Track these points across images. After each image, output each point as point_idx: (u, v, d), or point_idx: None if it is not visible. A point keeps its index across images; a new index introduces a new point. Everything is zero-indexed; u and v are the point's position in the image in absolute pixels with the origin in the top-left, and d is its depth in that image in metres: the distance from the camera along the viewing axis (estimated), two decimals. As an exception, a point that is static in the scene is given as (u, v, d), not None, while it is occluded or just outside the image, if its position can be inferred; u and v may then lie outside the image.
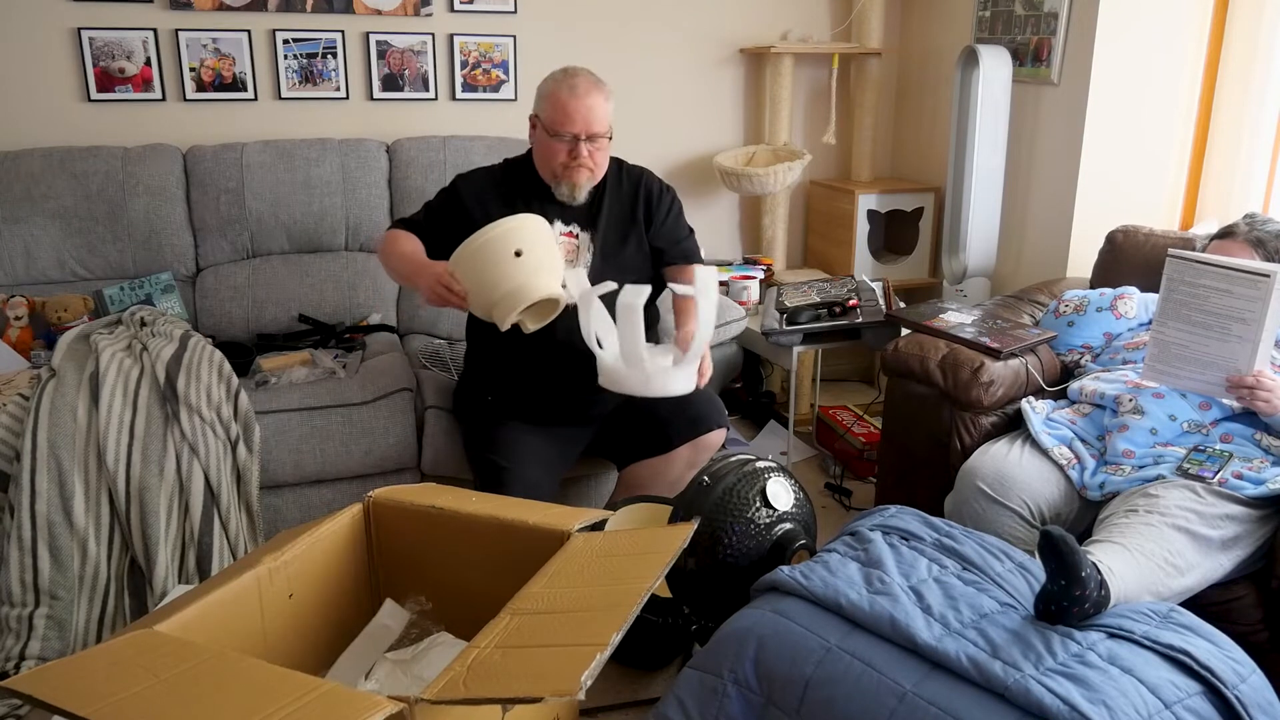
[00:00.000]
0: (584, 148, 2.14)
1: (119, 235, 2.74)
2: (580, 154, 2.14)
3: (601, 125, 2.15)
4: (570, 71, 2.17)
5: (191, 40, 2.90)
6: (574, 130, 2.12)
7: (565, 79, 2.15)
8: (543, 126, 2.16)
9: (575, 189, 2.18)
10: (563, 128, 2.12)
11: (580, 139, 2.13)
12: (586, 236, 2.23)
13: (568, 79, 2.14)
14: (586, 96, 2.12)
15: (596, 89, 2.15)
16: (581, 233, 2.23)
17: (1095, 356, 2.29)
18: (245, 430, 2.24)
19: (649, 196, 2.30)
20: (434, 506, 1.65)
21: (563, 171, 2.16)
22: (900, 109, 3.68)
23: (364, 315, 2.89)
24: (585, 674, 1.08)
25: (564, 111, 2.11)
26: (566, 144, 2.13)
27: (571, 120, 2.12)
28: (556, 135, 2.13)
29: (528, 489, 2.09)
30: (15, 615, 2.00)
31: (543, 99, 2.16)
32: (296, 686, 1.11)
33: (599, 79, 2.18)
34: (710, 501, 1.82)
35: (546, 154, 2.17)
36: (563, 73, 2.17)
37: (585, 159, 2.15)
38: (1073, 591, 1.43)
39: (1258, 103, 2.64)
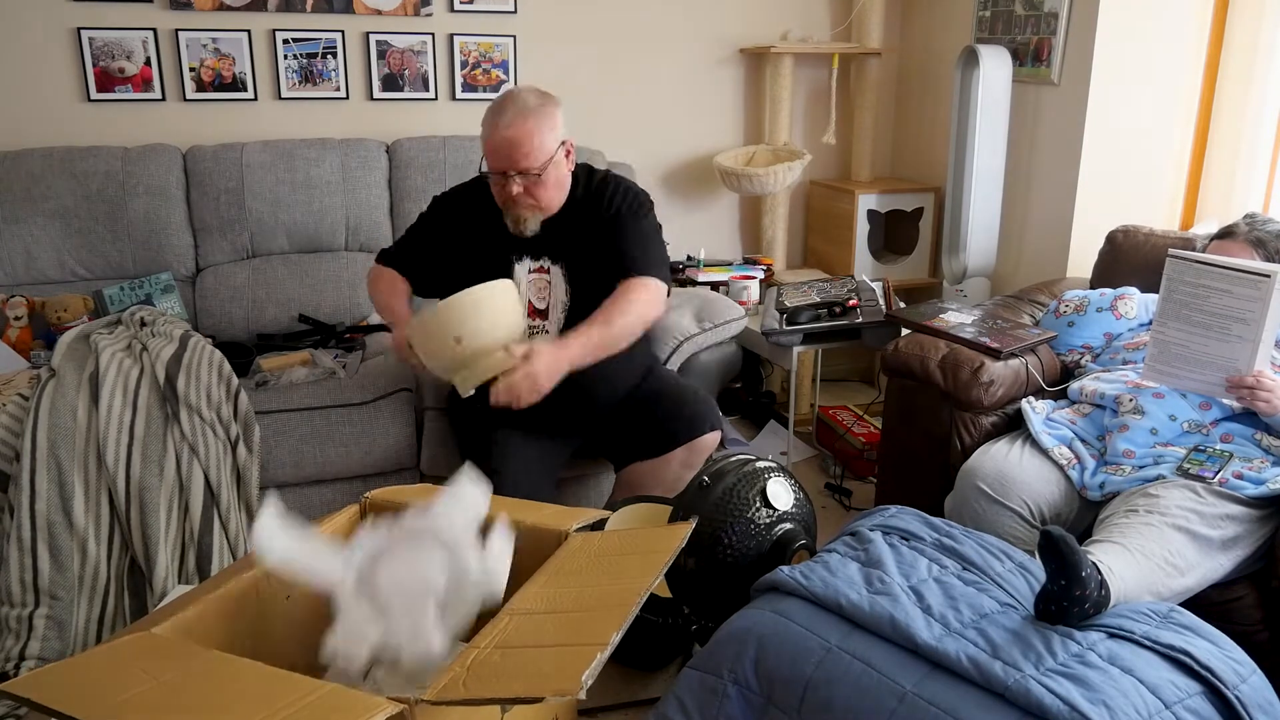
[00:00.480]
0: (515, 184, 1.99)
1: (119, 235, 2.74)
2: (511, 190, 1.99)
3: (531, 159, 1.96)
4: (505, 98, 1.99)
5: (191, 40, 2.90)
6: (500, 167, 1.98)
7: (495, 108, 1.98)
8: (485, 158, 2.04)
9: (520, 223, 2.06)
10: (490, 164, 1.99)
11: (509, 175, 1.98)
12: (558, 270, 2.14)
13: (496, 108, 1.98)
14: (509, 129, 1.95)
15: (525, 118, 1.95)
16: (552, 266, 2.14)
17: (1095, 357, 2.29)
18: (245, 430, 2.24)
19: (616, 209, 2.12)
20: (433, 507, 1.65)
21: (506, 205, 2.05)
22: (900, 109, 3.68)
23: (364, 315, 2.89)
24: (586, 673, 1.08)
25: (488, 146, 1.99)
26: (499, 179, 2.01)
27: (496, 156, 1.98)
28: (491, 171, 2.01)
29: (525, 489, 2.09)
30: (15, 615, 2.00)
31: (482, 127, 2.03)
32: (296, 688, 1.11)
33: (539, 102, 1.99)
34: (710, 501, 1.82)
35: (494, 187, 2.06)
36: (500, 99, 2.01)
37: (521, 195, 2.00)
38: (1073, 591, 1.43)
39: (1258, 103, 2.64)
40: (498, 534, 1.43)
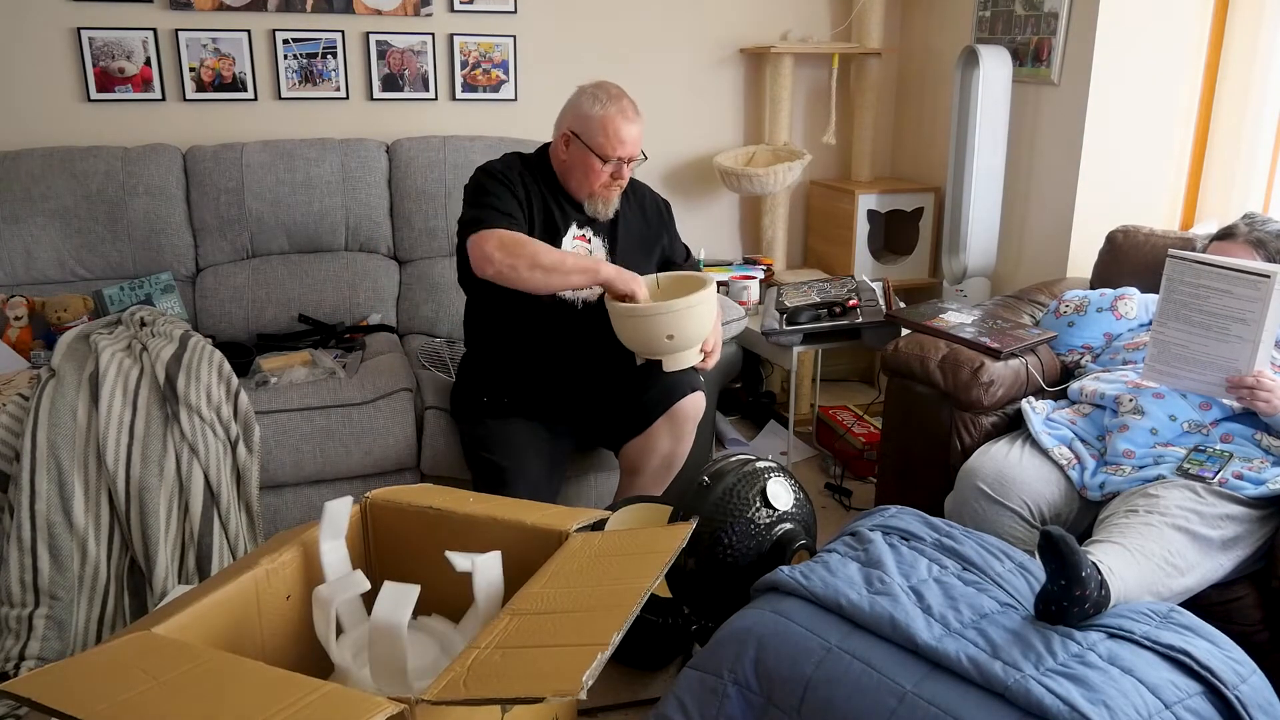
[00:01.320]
0: (626, 169, 2.18)
1: (119, 235, 2.74)
2: (622, 175, 2.18)
3: (640, 141, 2.19)
4: (615, 94, 2.16)
5: (191, 40, 2.90)
6: (624, 154, 2.15)
7: (614, 103, 2.14)
8: (586, 146, 2.14)
9: (608, 206, 2.22)
10: (613, 152, 2.13)
11: (625, 162, 2.16)
12: (599, 242, 2.26)
13: (617, 102, 2.14)
14: (636, 121, 2.16)
15: (639, 112, 2.18)
16: (594, 238, 2.26)
17: (1095, 357, 2.29)
18: (245, 430, 2.24)
19: (658, 210, 2.38)
20: (431, 507, 1.65)
21: (600, 191, 2.19)
22: (900, 109, 3.68)
23: (364, 315, 2.89)
24: (586, 674, 1.08)
25: (618, 137, 2.12)
26: (612, 167, 2.15)
27: (624, 145, 2.14)
28: (604, 158, 2.14)
29: (531, 485, 2.10)
30: (15, 615, 2.00)
31: (588, 120, 2.13)
32: (296, 688, 1.11)
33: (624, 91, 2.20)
34: (710, 502, 1.82)
35: (585, 173, 2.17)
36: (606, 94, 2.15)
37: (625, 177, 2.19)
38: (1073, 591, 1.43)
39: (1258, 103, 2.64)
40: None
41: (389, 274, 2.97)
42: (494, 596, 1.48)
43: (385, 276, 2.95)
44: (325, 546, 1.56)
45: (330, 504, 1.58)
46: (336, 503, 1.59)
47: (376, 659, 1.35)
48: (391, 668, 1.34)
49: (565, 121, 2.19)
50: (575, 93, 2.20)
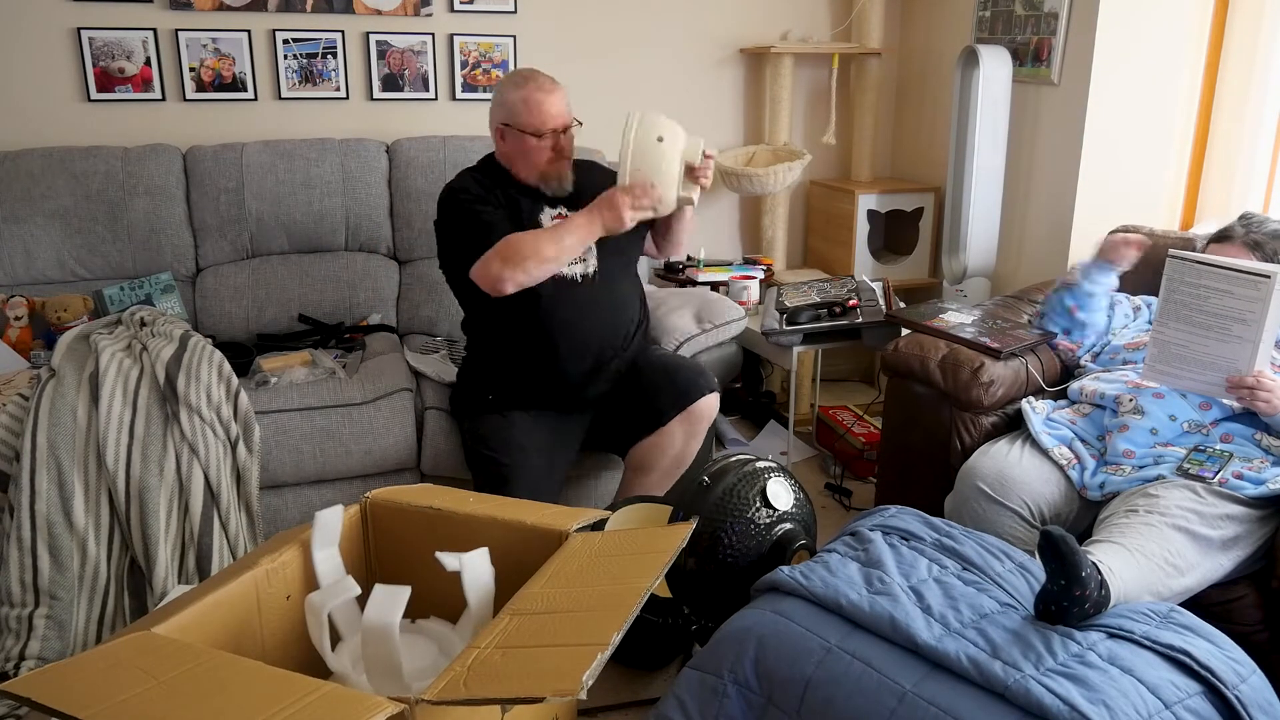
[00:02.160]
0: (563, 140, 2.23)
1: (119, 235, 2.74)
2: (562, 147, 2.24)
3: (571, 114, 2.25)
4: (527, 74, 2.23)
5: (191, 40, 2.90)
6: (554, 125, 2.20)
7: (529, 80, 2.21)
8: (519, 130, 2.21)
9: (563, 180, 2.26)
10: (543, 125, 2.19)
11: (559, 132, 2.22)
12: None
13: (532, 79, 2.21)
14: (554, 92, 2.21)
15: (552, 80, 2.24)
16: (569, 212, 2.28)
17: (1095, 355, 2.29)
18: (245, 430, 2.24)
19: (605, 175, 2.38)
20: (431, 507, 1.65)
21: (549, 167, 2.24)
22: (900, 109, 3.68)
23: (364, 315, 2.89)
24: (586, 673, 1.08)
25: (540, 110, 2.19)
26: (549, 140, 2.21)
27: (550, 116, 2.19)
28: (539, 135, 2.20)
29: (533, 482, 2.11)
30: (15, 615, 2.00)
31: (512, 106, 2.21)
32: (296, 688, 1.11)
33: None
34: (710, 502, 1.82)
35: (528, 156, 2.23)
36: (520, 77, 2.23)
37: (566, 149, 2.25)
38: (1073, 591, 1.43)
39: (1258, 103, 2.64)
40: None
41: (389, 274, 2.97)
42: (485, 593, 1.48)
43: (385, 276, 2.95)
44: (318, 555, 1.57)
45: (321, 513, 1.58)
46: (327, 512, 1.59)
47: (370, 660, 1.36)
48: (386, 669, 1.34)
49: (494, 117, 2.26)
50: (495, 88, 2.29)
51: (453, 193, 2.26)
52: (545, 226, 2.23)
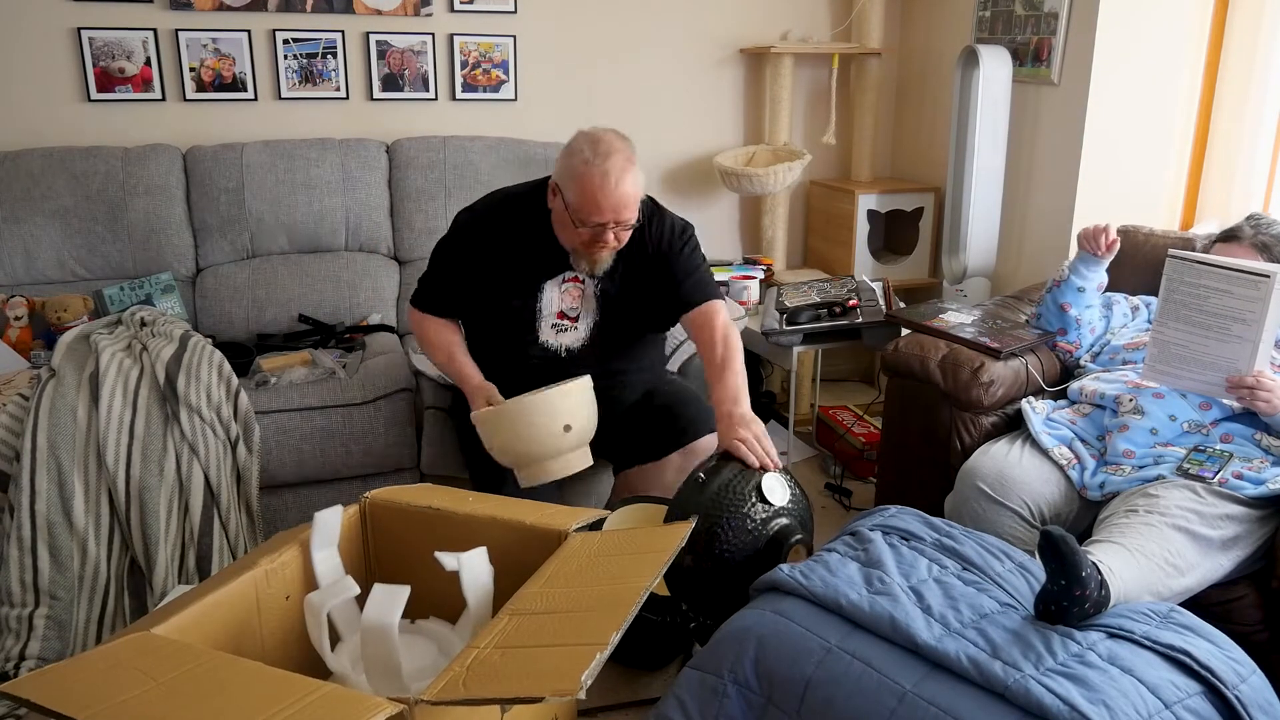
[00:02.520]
0: (611, 234, 1.96)
1: (119, 235, 2.74)
2: (607, 240, 1.97)
3: (633, 210, 1.94)
4: (602, 151, 1.90)
5: (191, 40, 2.90)
6: (603, 220, 1.92)
7: (597, 163, 1.88)
8: (566, 206, 1.94)
9: (595, 266, 2.04)
10: (590, 218, 1.92)
11: (608, 227, 1.94)
12: (592, 284, 2.13)
13: (600, 163, 1.88)
14: (620, 185, 1.89)
15: (629, 171, 1.91)
16: (587, 279, 2.12)
17: (1095, 355, 2.29)
18: (245, 430, 2.24)
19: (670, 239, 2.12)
20: (431, 507, 1.65)
21: (584, 250, 2.00)
22: (900, 109, 3.68)
23: (364, 315, 2.89)
24: (585, 673, 1.08)
25: (594, 204, 1.90)
26: (589, 231, 1.94)
27: (601, 212, 1.91)
28: (582, 224, 1.93)
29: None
30: (15, 615, 2.00)
31: (569, 179, 1.93)
32: (296, 688, 1.11)
33: (629, 149, 1.94)
34: (706, 498, 1.82)
35: (566, 232, 2.00)
36: (593, 150, 1.90)
37: (611, 242, 1.98)
38: (1073, 591, 1.43)
39: (1258, 103, 2.64)
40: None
41: (389, 274, 2.97)
42: (483, 593, 1.48)
43: (385, 276, 2.95)
44: (317, 556, 1.57)
45: (320, 514, 1.58)
46: (327, 512, 1.59)
47: (369, 660, 1.36)
48: (385, 668, 1.34)
49: (556, 167, 1.99)
50: (573, 136, 1.98)
51: (453, 228, 2.13)
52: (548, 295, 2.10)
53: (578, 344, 2.15)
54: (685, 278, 2.11)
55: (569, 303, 2.13)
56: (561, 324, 2.15)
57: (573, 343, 2.15)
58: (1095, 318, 2.29)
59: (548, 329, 2.14)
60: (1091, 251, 2.20)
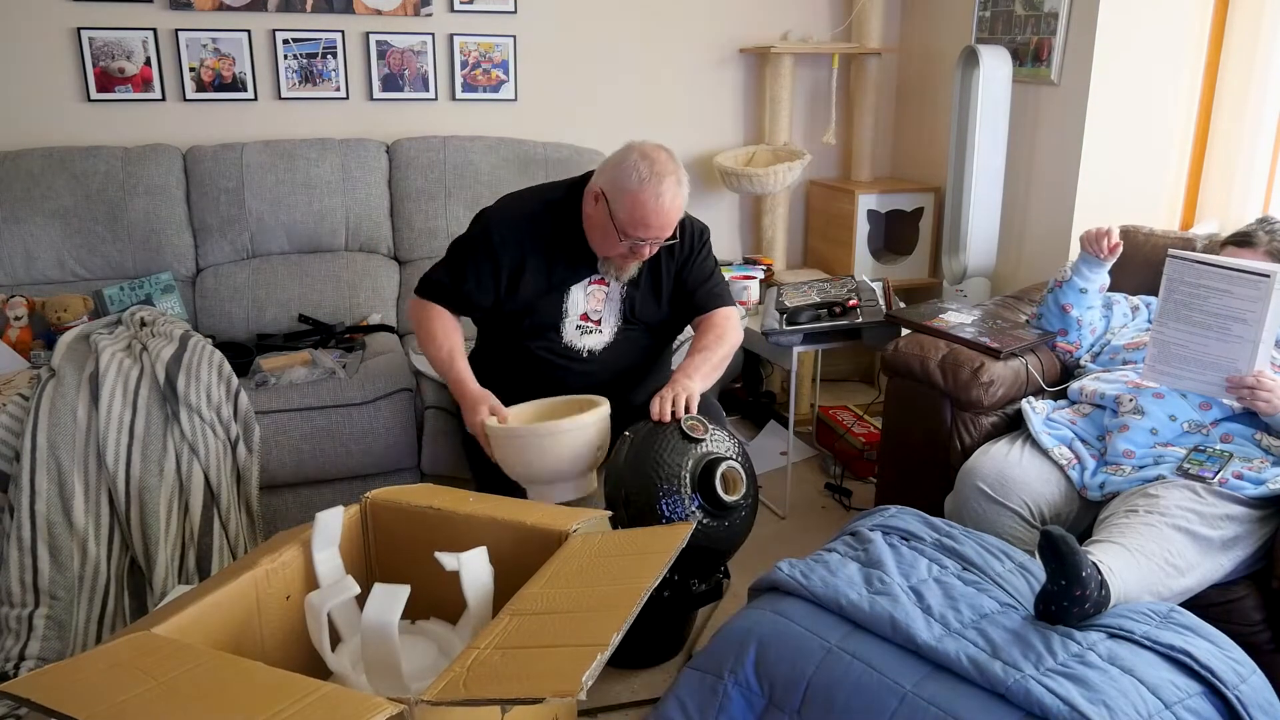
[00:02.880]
0: (649, 247, 2.02)
1: (119, 235, 2.74)
2: (642, 254, 2.03)
3: (674, 228, 2.00)
4: (657, 171, 1.93)
5: (191, 40, 2.90)
6: (652, 235, 1.97)
7: (652, 182, 1.92)
8: (610, 215, 1.96)
9: (622, 274, 2.09)
10: (634, 232, 1.96)
11: (649, 242, 1.99)
12: (618, 287, 2.14)
13: (654, 183, 1.92)
14: (673, 205, 1.95)
15: (680, 190, 1.96)
16: (614, 283, 2.14)
17: (1095, 355, 2.29)
18: (245, 430, 2.24)
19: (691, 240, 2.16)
20: (431, 507, 1.65)
21: (617, 258, 2.04)
22: (900, 109, 3.68)
23: (364, 315, 2.89)
24: (586, 674, 1.08)
25: (643, 222, 1.94)
26: (630, 243, 1.98)
27: (649, 229, 1.95)
28: (625, 236, 1.96)
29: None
30: (15, 615, 2.00)
31: (620, 192, 1.94)
32: (296, 688, 1.11)
33: (680, 170, 1.98)
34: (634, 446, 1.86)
35: (604, 239, 2.01)
36: (649, 168, 1.93)
37: (646, 254, 2.04)
38: (1073, 591, 1.43)
39: (1258, 103, 2.64)
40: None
41: (389, 274, 2.97)
42: (484, 593, 1.48)
43: (385, 276, 2.95)
44: (318, 556, 1.57)
45: (321, 514, 1.58)
46: (328, 513, 1.59)
47: (370, 660, 1.36)
48: (385, 668, 1.34)
49: (603, 176, 1.99)
50: (624, 148, 2.00)
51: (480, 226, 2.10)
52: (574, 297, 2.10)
53: (600, 345, 2.15)
54: (699, 285, 2.17)
55: (593, 305, 2.13)
56: (585, 325, 2.14)
57: (595, 344, 2.14)
58: (1096, 318, 2.29)
59: (572, 330, 2.13)
60: (1094, 254, 2.20)
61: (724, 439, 1.95)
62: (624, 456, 1.85)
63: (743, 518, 1.93)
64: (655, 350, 2.27)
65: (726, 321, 2.15)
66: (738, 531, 1.92)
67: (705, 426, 1.91)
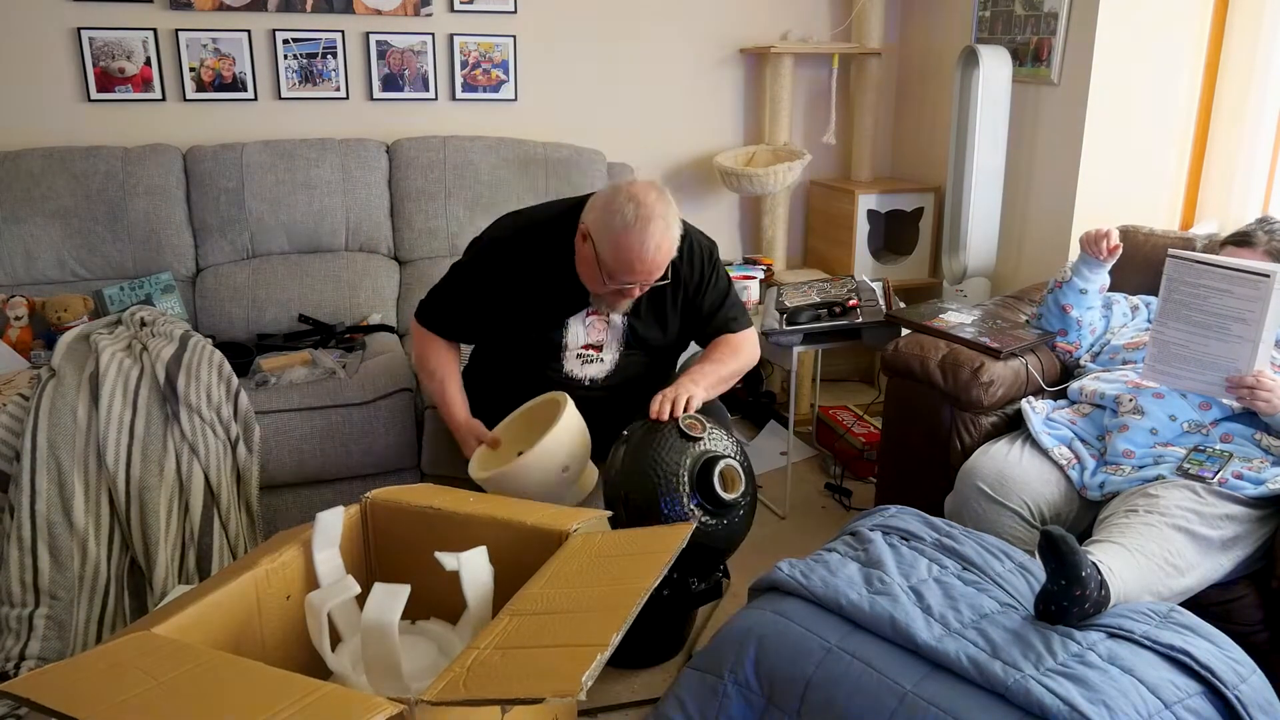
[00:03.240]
0: (638, 289, 1.95)
1: (119, 235, 2.74)
2: (631, 294, 1.97)
3: (664, 266, 1.91)
4: (644, 215, 1.83)
5: (191, 40, 2.90)
6: (638, 280, 1.90)
7: (637, 228, 1.82)
8: (597, 257, 1.88)
9: (615, 310, 2.04)
10: (622, 278, 1.89)
11: (637, 285, 1.93)
12: (620, 318, 2.09)
13: (639, 229, 1.83)
14: (658, 253, 1.86)
15: (668, 237, 1.86)
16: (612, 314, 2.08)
17: (1095, 355, 2.29)
18: (245, 430, 2.24)
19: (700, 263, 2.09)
20: (432, 507, 1.65)
21: (607, 297, 1.97)
22: (900, 109, 3.68)
23: (364, 315, 2.89)
24: (586, 674, 1.08)
25: (628, 267, 1.86)
26: (616, 285, 1.91)
27: (634, 273, 1.88)
28: (610, 279, 1.89)
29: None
30: (15, 615, 2.00)
31: (606, 234, 1.85)
32: (295, 688, 1.11)
33: (670, 211, 1.88)
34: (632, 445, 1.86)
35: (591, 278, 1.94)
36: (636, 210, 1.83)
37: (636, 294, 1.98)
38: (1073, 591, 1.43)
39: (1258, 103, 2.64)
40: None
41: (389, 274, 2.97)
42: (483, 592, 1.48)
43: (385, 276, 2.95)
44: (319, 556, 1.57)
45: (322, 515, 1.58)
46: (328, 513, 1.59)
47: (369, 659, 1.36)
48: (385, 667, 1.34)
49: (590, 214, 1.91)
50: (612, 187, 1.91)
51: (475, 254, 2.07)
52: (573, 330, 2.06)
53: (603, 374, 2.11)
54: (716, 310, 2.13)
55: (594, 336, 2.09)
56: (587, 354, 2.10)
57: (598, 373, 2.11)
58: (1096, 318, 2.29)
59: (573, 359, 2.09)
60: (1094, 255, 2.20)
61: (722, 437, 1.95)
62: (622, 456, 1.86)
63: (742, 516, 1.93)
64: (660, 368, 2.22)
65: (744, 342, 2.14)
66: (737, 530, 1.92)
67: (703, 425, 1.91)
